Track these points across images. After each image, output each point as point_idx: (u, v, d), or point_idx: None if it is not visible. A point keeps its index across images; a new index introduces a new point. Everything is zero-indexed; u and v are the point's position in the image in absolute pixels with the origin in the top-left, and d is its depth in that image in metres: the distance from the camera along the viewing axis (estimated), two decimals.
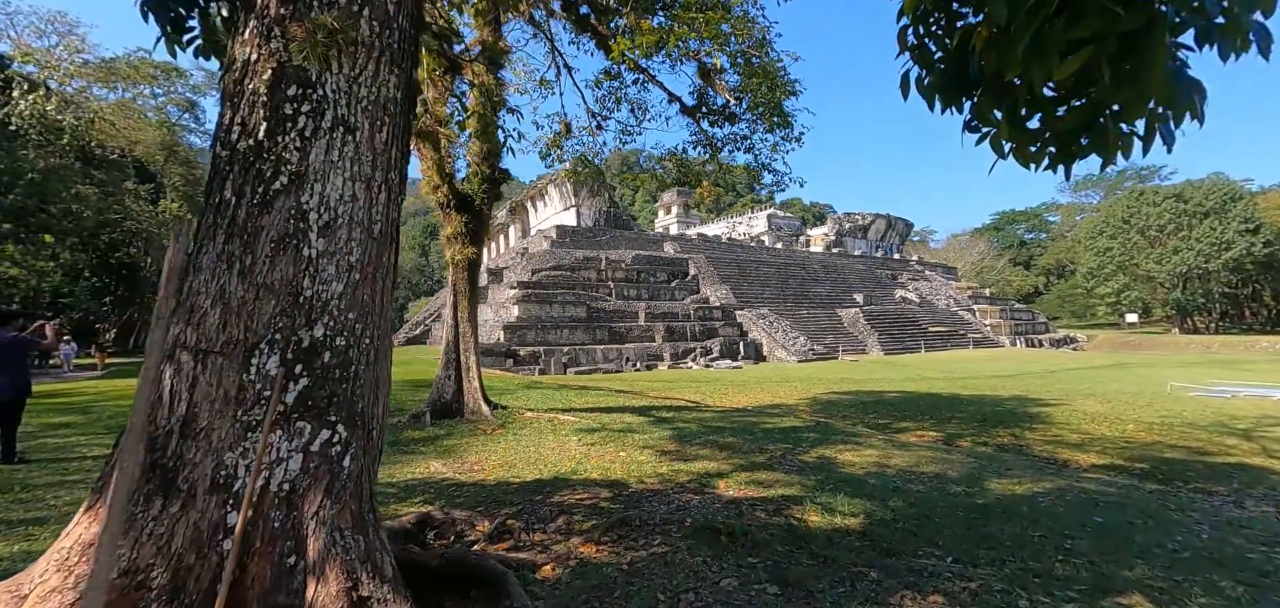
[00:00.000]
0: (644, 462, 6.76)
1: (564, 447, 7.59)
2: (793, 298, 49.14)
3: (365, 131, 2.64)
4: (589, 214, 54.61)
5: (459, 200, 9.81)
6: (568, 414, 10.38)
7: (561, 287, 40.62)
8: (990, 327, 53.34)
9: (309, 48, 2.45)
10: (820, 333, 43.54)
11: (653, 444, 7.78)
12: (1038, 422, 14.62)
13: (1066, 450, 11.56)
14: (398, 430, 8.87)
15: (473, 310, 10.10)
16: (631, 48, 10.75)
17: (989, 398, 18.87)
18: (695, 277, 47.32)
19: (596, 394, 14.69)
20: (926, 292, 59.38)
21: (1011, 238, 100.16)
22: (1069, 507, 5.43)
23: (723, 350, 38.29)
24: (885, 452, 7.68)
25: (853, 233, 69.93)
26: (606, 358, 34.94)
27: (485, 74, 10.07)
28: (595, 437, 8.30)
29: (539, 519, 4.81)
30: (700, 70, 12.28)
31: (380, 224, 2.70)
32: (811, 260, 58.98)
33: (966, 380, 25.05)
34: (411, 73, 3.00)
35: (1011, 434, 13.16)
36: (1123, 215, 67.33)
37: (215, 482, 2.21)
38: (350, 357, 2.53)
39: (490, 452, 7.32)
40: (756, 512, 5.02)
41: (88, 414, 10.66)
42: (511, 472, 6.32)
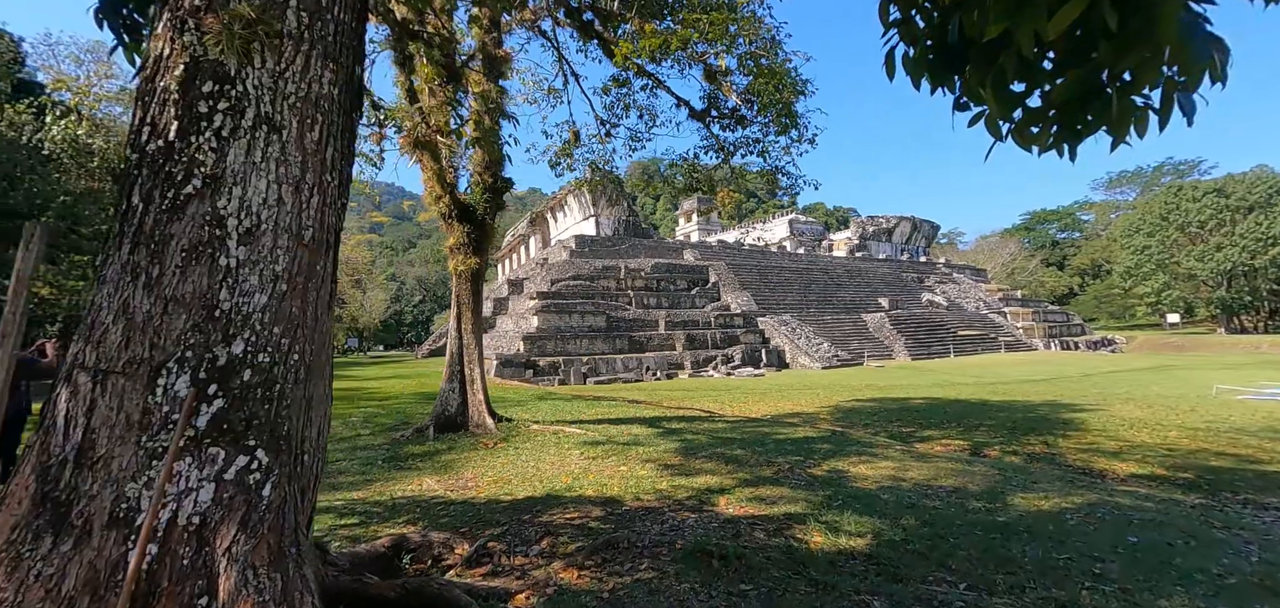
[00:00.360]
0: (644, 477, 6.46)
1: (564, 461, 7.34)
2: (815, 304, 48.33)
3: (293, 130, 2.43)
4: (608, 223, 54.58)
5: (461, 211, 9.68)
6: (574, 427, 10.13)
7: (580, 296, 40.55)
8: (1022, 330, 51.73)
9: (226, 41, 2.26)
10: (844, 339, 42.68)
11: (656, 458, 7.48)
12: (1072, 429, 13.96)
13: (1103, 460, 10.97)
14: (399, 445, 8.73)
15: (477, 322, 9.94)
16: (635, 52, 10.55)
17: (1020, 404, 18.14)
18: (716, 284, 46.87)
19: (609, 405, 14.43)
20: (955, 294, 57.92)
21: (1043, 238, 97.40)
22: (1100, 525, 4.98)
23: (744, 358, 37.75)
24: (902, 464, 7.26)
25: (877, 236, 68.69)
26: (626, 367, 34.72)
27: (485, 82, 9.95)
28: (598, 450, 8.03)
29: (523, 541, 4.55)
30: (706, 73, 12.02)
31: (312, 230, 2.49)
32: (834, 265, 58.05)
33: (997, 385, 24.19)
34: (353, 68, 2.80)
35: (1043, 442, 12.57)
36: (1161, 212, 64.88)
37: (114, 516, 2.01)
38: (275, 375, 2.32)
39: (487, 467, 7.10)
40: (755, 532, 4.69)
41: None
42: (505, 489, 6.08)
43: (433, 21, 10.39)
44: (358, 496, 5.96)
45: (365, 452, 8.27)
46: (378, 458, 7.79)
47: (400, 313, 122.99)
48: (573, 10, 11.89)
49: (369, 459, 7.72)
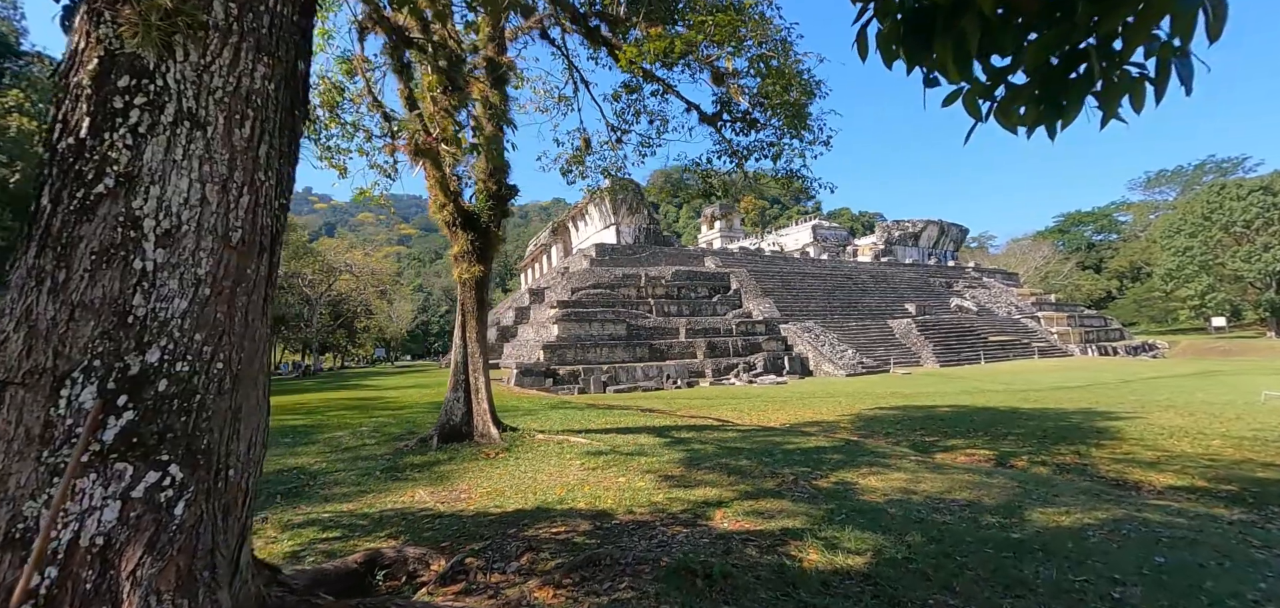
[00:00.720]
0: (641, 489, 6.24)
1: (563, 472, 7.16)
2: (840, 310, 47.50)
3: (219, 127, 2.31)
4: (629, 232, 54.55)
5: (465, 219, 9.62)
6: (581, 436, 9.95)
7: (600, 305, 40.49)
8: (1057, 335, 50.07)
9: (143, 33, 2.14)
10: (870, 345, 41.81)
11: (657, 469, 7.25)
12: (1107, 438, 13.32)
13: (1138, 470, 10.40)
14: (401, 455, 8.65)
15: (481, 330, 9.85)
16: (639, 56, 10.40)
17: (1052, 411, 17.44)
18: (737, 291, 46.40)
19: (621, 414, 14.23)
20: (985, 299, 56.38)
21: (1078, 240, 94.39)
22: (1125, 543, 4.59)
23: (767, 366, 37.22)
24: (915, 476, 6.90)
25: (903, 241, 67.35)
26: (646, 376, 34.48)
27: (489, 90, 9.90)
28: (600, 460, 7.83)
29: (503, 556, 4.37)
30: (714, 76, 11.80)
31: (242, 231, 2.36)
32: (859, 270, 57.04)
33: (1028, 392, 23.36)
34: (295, 64, 2.67)
35: (1075, 452, 12.00)
36: (1203, 211, 62.32)
37: (10, 537, 1.89)
38: (194, 385, 2.18)
39: (484, 478, 6.96)
40: (748, 548, 4.43)
41: None
42: (497, 500, 5.92)
43: (439, 30, 10.41)
44: (348, 507, 5.86)
45: (366, 462, 8.21)
46: (376, 469, 7.71)
47: (427, 323, 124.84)
48: (579, 16, 11.80)
49: (367, 470, 7.65)
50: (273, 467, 8.01)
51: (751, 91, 12.23)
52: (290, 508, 5.89)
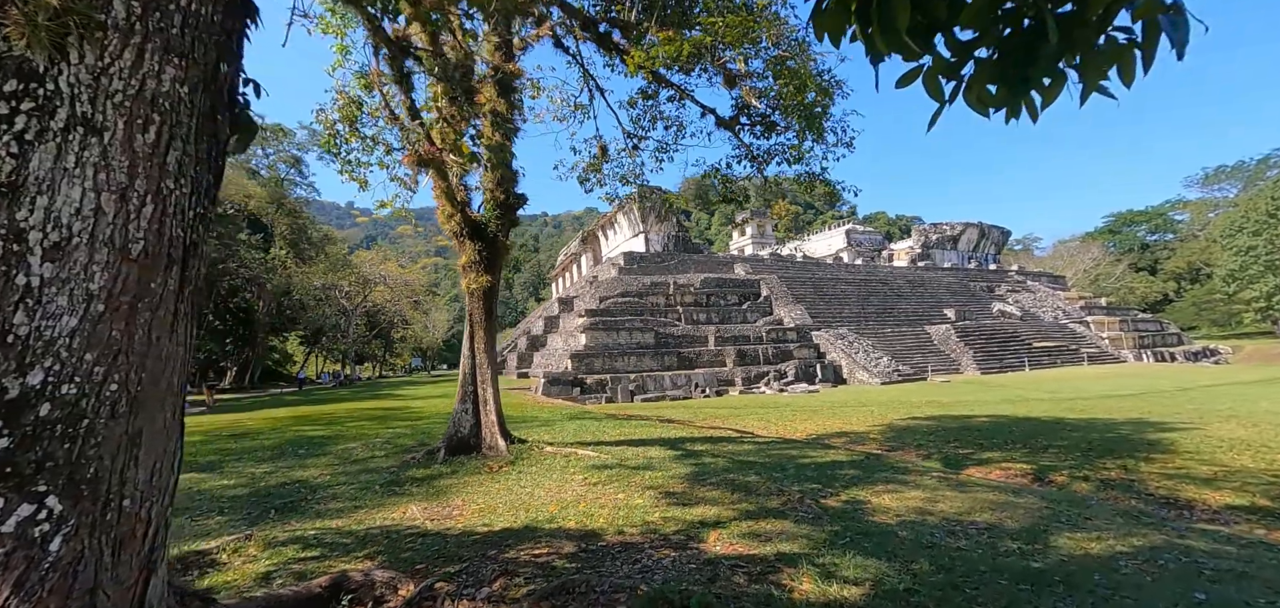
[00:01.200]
0: (637, 507, 5.96)
1: (562, 488, 6.93)
2: (875, 316, 46.26)
3: (118, 133, 2.17)
4: (658, 240, 54.35)
5: (472, 228, 9.54)
6: (590, 449, 9.72)
7: (628, 313, 40.34)
8: (1108, 340, 47.71)
9: (30, 34, 2.02)
10: (906, 352, 40.57)
11: (660, 484, 6.96)
12: (1159, 451, 12.47)
13: (1192, 488, 9.65)
14: (406, 468, 8.56)
15: (489, 340, 9.74)
16: (648, 60, 10.18)
17: (1100, 422, 16.49)
18: (767, 298, 45.68)
19: (640, 424, 13.96)
20: (1029, 303, 54.18)
21: (1131, 241, 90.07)
22: (1161, 575, 4.10)
23: (798, 374, 36.42)
24: (933, 494, 6.43)
25: (941, 244, 65.35)
26: (674, 384, 34.16)
27: (496, 99, 9.82)
28: (604, 475, 7.58)
29: (476, 582, 4.16)
30: (727, 78, 11.50)
31: (144, 243, 2.21)
32: (895, 275, 55.52)
33: (1075, 401, 22.21)
34: (217, 65, 2.53)
35: (1122, 467, 11.25)
36: (1268, 208, 58.70)
37: None
38: (82, 409, 2.04)
39: (480, 494, 6.78)
40: (736, 575, 4.12)
41: None
42: (486, 518, 5.72)
43: (449, 42, 10.42)
44: (337, 524, 5.75)
45: (368, 476, 8.15)
46: (377, 482, 7.63)
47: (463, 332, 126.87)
48: (590, 22, 11.67)
49: (367, 484, 7.57)
50: (277, 480, 8.03)
51: (766, 93, 11.89)
52: (280, 524, 5.82)
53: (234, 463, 9.54)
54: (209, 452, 10.80)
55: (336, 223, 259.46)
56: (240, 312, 57.21)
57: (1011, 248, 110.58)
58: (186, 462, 9.84)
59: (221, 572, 4.39)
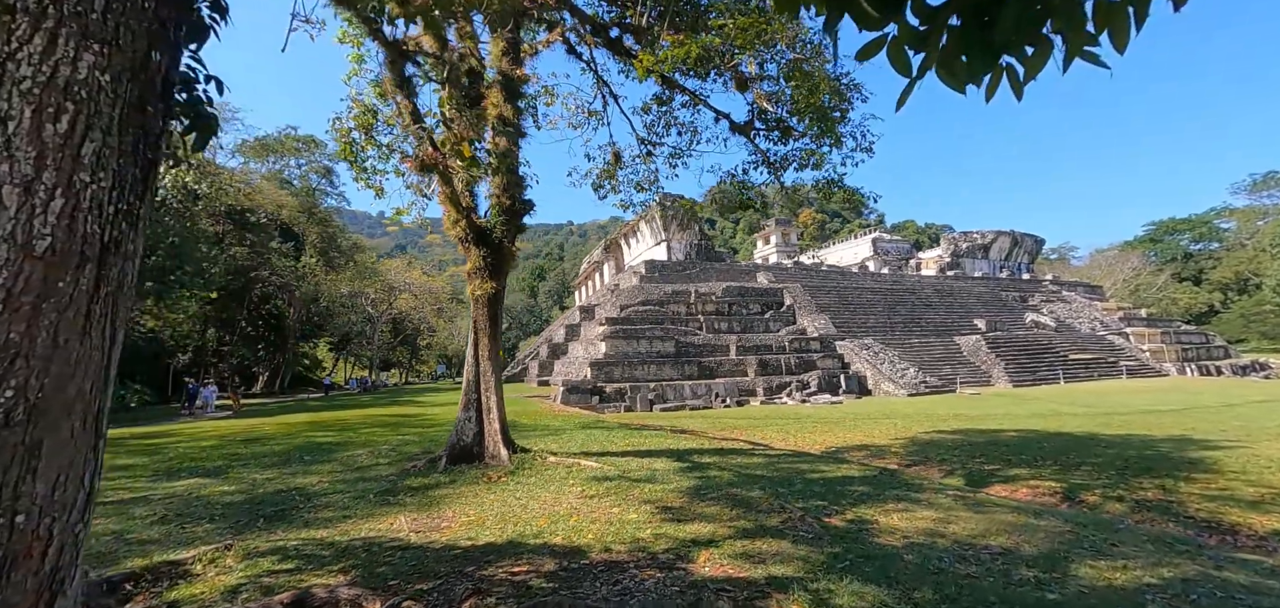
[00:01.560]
0: (630, 522, 5.72)
1: (558, 500, 6.72)
2: (901, 326, 45.22)
3: (25, 122, 2.04)
4: (680, 248, 54.06)
5: (477, 234, 9.44)
6: (594, 459, 9.50)
7: (649, 322, 40.07)
8: (1149, 352, 45.82)
9: None
10: (934, 363, 39.51)
11: (658, 498, 6.69)
12: (1200, 470, 11.78)
13: (1236, 511, 9.04)
14: (405, 477, 8.44)
15: (494, 347, 9.60)
16: (656, 64, 10.00)
17: (1137, 438, 15.71)
18: (790, 307, 44.99)
19: (652, 435, 13.68)
20: (1064, 314, 52.38)
21: (1173, 250, 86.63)
22: None
23: (821, 384, 35.71)
24: (947, 514, 6.05)
25: (971, 253, 63.71)
26: (695, 394, 33.75)
27: (503, 104, 9.73)
28: (603, 487, 7.35)
29: (447, 601, 3.96)
30: (738, 81, 11.24)
31: (51, 239, 2.07)
32: (923, 285, 54.23)
33: (1112, 416, 21.28)
34: (148, 53, 2.40)
35: (1160, 487, 10.64)
36: None
37: None
38: None
39: (472, 505, 6.60)
40: (720, 602, 3.84)
41: (153, 455, 11.37)
42: (472, 532, 5.54)
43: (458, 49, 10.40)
44: (320, 535, 5.63)
45: (367, 484, 8.05)
46: (372, 491, 7.51)
47: None
48: (601, 27, 11.56)
49: (362, 493, 7.46)
50: (275, 487, 7.99)
51: (779, 96, 11.61)
52: (266, 533, 5.72)
53: (240, 468, 9.58)
54: (218, 457, 10.89)
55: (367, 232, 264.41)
56: (272, 318, 58.57)
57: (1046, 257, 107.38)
58: (193, 467, 9.93)
59: (191, 584, 4.28)
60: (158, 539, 5.52)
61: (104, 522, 6.12)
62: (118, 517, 6.40)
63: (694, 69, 11.96)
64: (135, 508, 6.85)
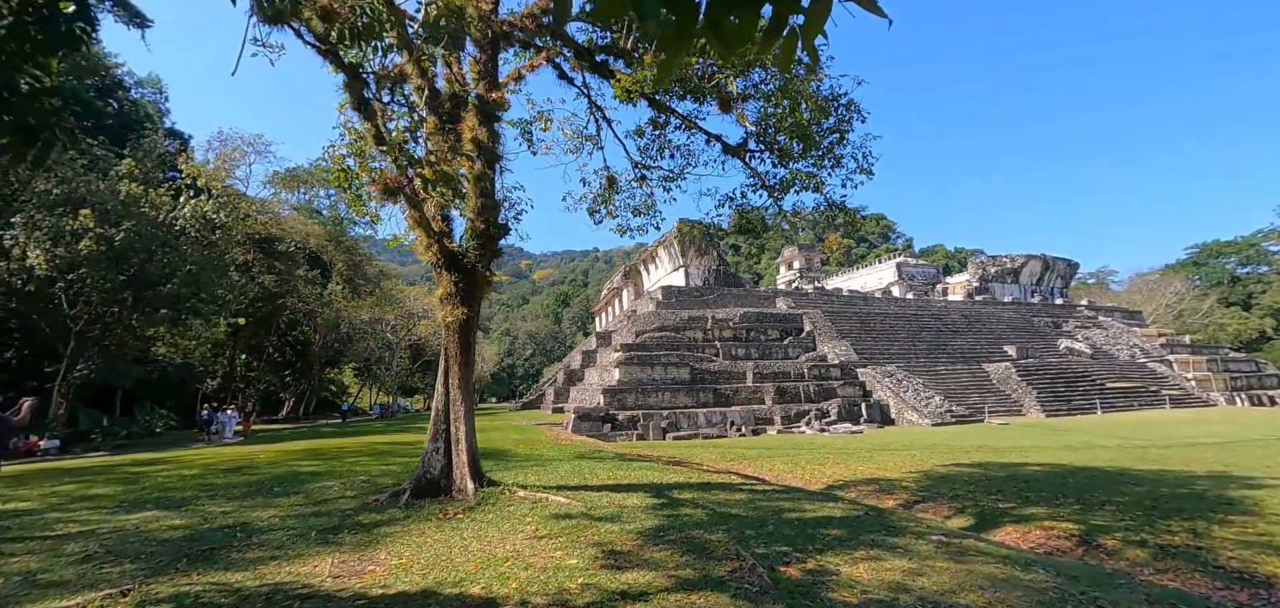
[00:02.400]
0: (565, 569, 5.24)
1: (502, 542, 6.27)
2: (926, 353, 43.80)
3: None
4: (698, 274, 53.60)
5: (449, 259, 9.19)
6: (565, 494, 9.03)
7: (665, 348, 39.54)
8: (1194, 381, 43.49)
9: None
10: (961, 392, 38.06)
11: (610, 541, 6.20)
12: (1238, 511, 10.83)
13: (1272, 560, 8.20)
14: (362, 511, 8.07)
15: (465, 375, 9.26)
16: (635, 84, 9.72)
17: (1173, 474, 14.65)
18: (810, 333, 44.01)
19: (645, 467, 13.14)
20: (1101, 341, 50.17)
21: (1219, 274, 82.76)
22: None
23: (842, 413, 34.63)
24: (923, 564, 5.42)
25: (1001, 277, 61.77)
26: (709, 422, 33.05)
27: (478, 127, 9.54)
28: (559, 526, 6.88)
29: None
30: (721, 101, 10.87)
31: None
32: (949, 310, 52.63)
33: (1149, 449, 20.02)
34: None
35: (1190, 530, 9.76)
36: None
37: None
38: None
39: (410, 547, 6.18)
40: None
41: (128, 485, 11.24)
42: (390, 579, 5.12)
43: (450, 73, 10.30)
44: (233, 579, 5.26)
45: (317, 520, 7.70)
46: (317, 529, 7.15)
47: (512, 366, 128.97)
48: (584, 52, 11.36)
49: (307, 530, 7.11)
50: (226, 521, 7.71)
51: (764, 116, 11.20)
52: (178, 577, 5.39)
53: (205, 501, 9.36)
54: (191, 488, 10.73)
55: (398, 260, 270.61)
56: (298, 344, 59.69)
57: (1084, 282, 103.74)
58: (160, 499, 9.75)
59: None
60: (69, 581, 5.25)
61: (25, 560, 5.91)
62: (45, 554, 6.18)
63: (679, 90, 11.67)
64: (70, 544, 6.63)
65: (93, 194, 20.91)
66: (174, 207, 23.56)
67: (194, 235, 23.36)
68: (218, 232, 24.06)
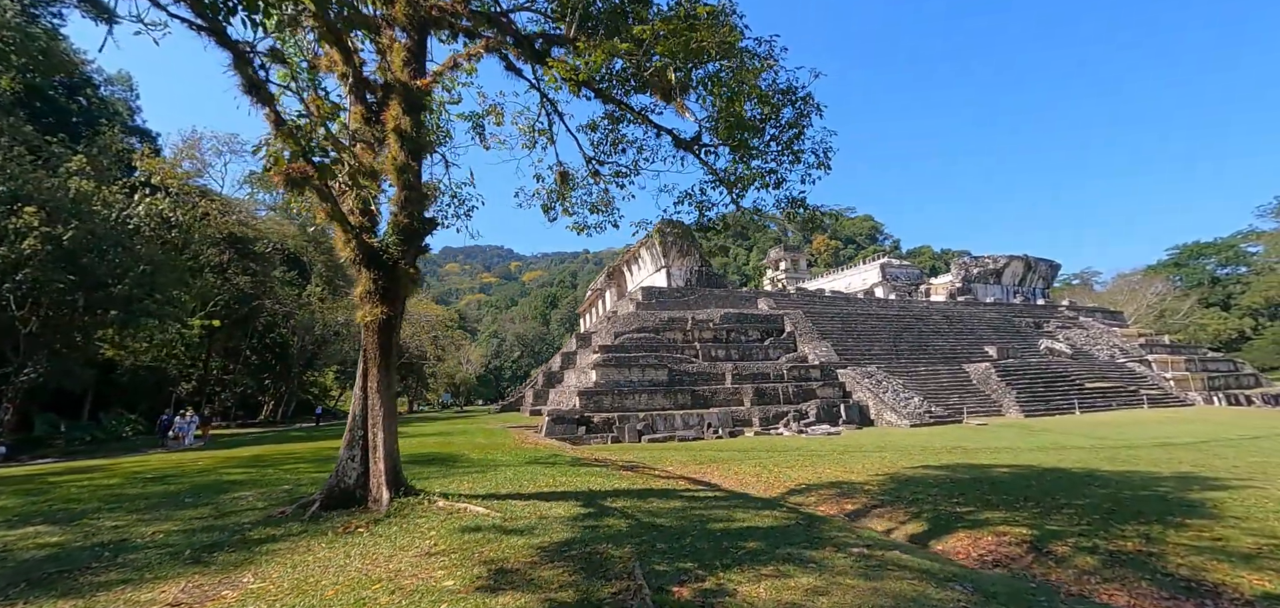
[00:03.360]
0: (438, 592, 4.71)
1: (390, 560, 5.74)
2: (907, 354, 43.60)
3: None
4: (680, 274, 53.17)
5: (368, 255, 8.66)
6: (492, 503, 8.51)
7: (643, 349, 39.01)
8: (1173, 381, 43.58)
9: None
10: (940, 392, 37.85)
11: (506, 558, 5.70)
12: (1197, 514, 10.55)
13: (1224, 566, 7.86)
14: (254, 526, 7.49)
15: (385, 379, 8.74)
16: (571, 71, 9.23)
17: (1139, 475, 14.42)
18: (791, 334, 43.66)
19: (589, 473, 12.61)
20: (1082, 341, 50.22)
21: (1199, 274, 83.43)
22: None
23: (821, 414, 34.21)
24: (830, 581, 4.97)
25: (983, 278, 61.78)
26: (686, 424, 32.53)
27: (402, 116, 9.04)
28: (460, 540, 6.38)
29: None
30: (662, 92, 10.40)
31: None
32: (931, 311, 52.47)
33: (1120, 450, 19.82)
34: None
35: (1144, 535, 9.47)
36: None
37: None
38: None
39: (283, 568, 5.64)
40: None
41: (35, 496, 10.53)
42: None
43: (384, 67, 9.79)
44: None
45: (208, 534, 7.14)
46: (197, 545, 6.58)
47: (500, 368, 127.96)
48: (524, 39, 10.87)
49: (186, 547, 6.55)
50: (104, 539, 7.08)
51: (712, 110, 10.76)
52: (4, 604, 4.86)
53: (104, 514, 8.72)
54: (98, 499, 10.05)
55: None
56: (276, 347, 58.59)
57: (1069, 283, 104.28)
58: (53, 513, 9.09)
59: None
60: None
61: None
62: None
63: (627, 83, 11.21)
64: None
65: (40, 192, 20.14)
66: (127, 205, 22.75)
67: (149, 234, 22.57)
68: (175, 231, 23.25)
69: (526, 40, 10.94)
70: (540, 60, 11.18)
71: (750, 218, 15.28)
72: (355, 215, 8.84)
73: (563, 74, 9.15)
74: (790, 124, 13.61)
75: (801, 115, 13.56)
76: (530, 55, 11.01)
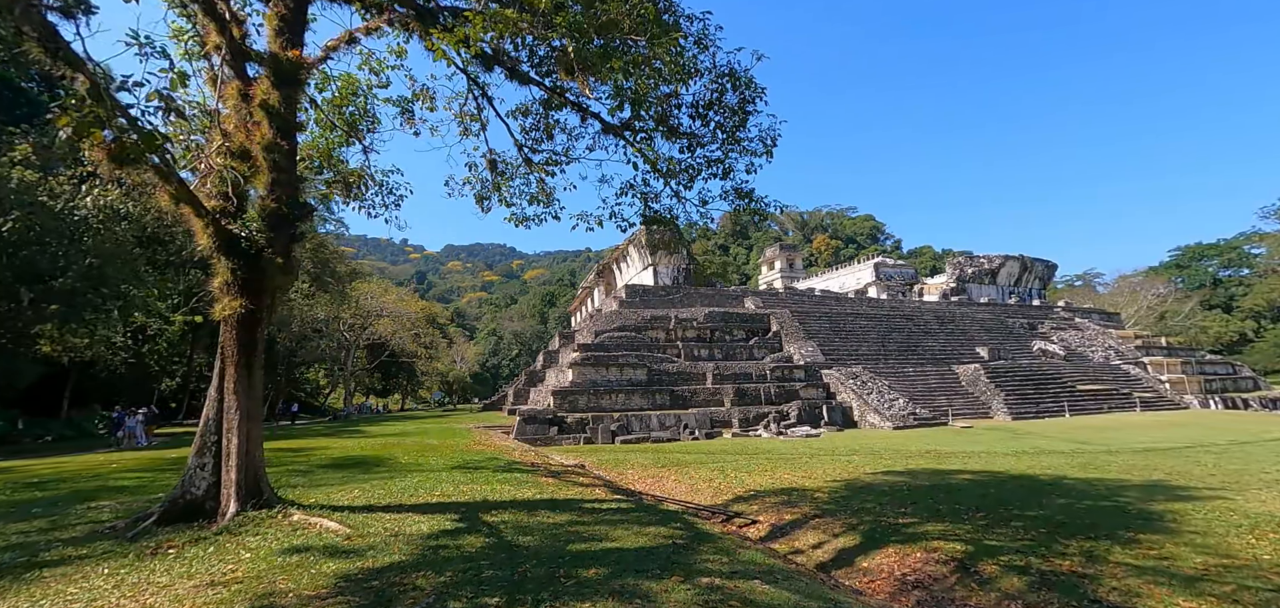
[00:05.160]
0: None
1: (165, 589, 4.96)
2: (896, 354, 42.63)
3: None
4: (667, 273, 52.33)
5: (226, 242, 7.86)
6: (355, 517, 7.69)
7: (624, 348, 38.18)
8: (1168, 384, 42.45)
9: None
10: (927, 394, 36.90)
11: (284, 591, 4.88)
12: (1150, 529, 9.77)
13: (1161, 590, 7.09)
14: (70, 544, 6.67)
15: (244, 379, 7.93)
16: (458, 43, 8.36)
17: (1105, 484, 13.62)
18: (777, 333, 42.76)
19: (502, 480, 11.70)
20: (1076, 343, 49.11)
21: (1201, 276, 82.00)
22: None
23: (802, 416, 33.28)
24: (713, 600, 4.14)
25: (978, 278, 60.66)
26: (662, 425, 31.67)
27: (270, 91, 8.24)
28: (272, 564, 5.58)
29: None
30: (564, 67, 9.55)
31: None
32: (923, 311, 51.43)
33: (1098, 456, 18.96)
34: None
35: (1086, 554, 8.70)
36: None
37: None
38: None
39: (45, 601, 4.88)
40: None
41: None
42: None
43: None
44: None
45: (6, 554, 6.38)
46: None
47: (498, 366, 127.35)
48: (424, 11, 10.03)
49: None
50: None
51: (622, 90, 9.89)
52: None
53: None
54: None
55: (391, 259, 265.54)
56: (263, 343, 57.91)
57: (1070, 284, 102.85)
58: None
59: None
60: None
61: None
62: None
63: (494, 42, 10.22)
64: None
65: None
66: (73, 195, 22.05)
67: (97, 227, 21.87)
68: (123, 223, 22.55)
69: (428, 12, 10.10)
70: (428, 19, 10.29)
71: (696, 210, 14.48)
72: (211, 199, 8.05)
73: (449, 43, 8.31)
74: (733, 111, 12.80)
75: (746, 100, 12.74)
76: (419, 25, 10.13)
